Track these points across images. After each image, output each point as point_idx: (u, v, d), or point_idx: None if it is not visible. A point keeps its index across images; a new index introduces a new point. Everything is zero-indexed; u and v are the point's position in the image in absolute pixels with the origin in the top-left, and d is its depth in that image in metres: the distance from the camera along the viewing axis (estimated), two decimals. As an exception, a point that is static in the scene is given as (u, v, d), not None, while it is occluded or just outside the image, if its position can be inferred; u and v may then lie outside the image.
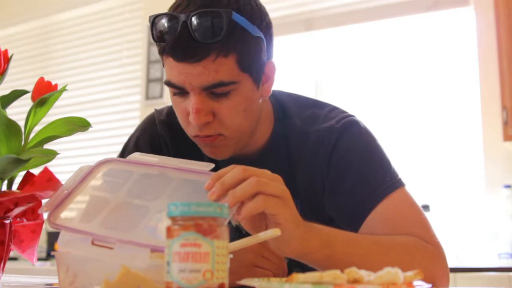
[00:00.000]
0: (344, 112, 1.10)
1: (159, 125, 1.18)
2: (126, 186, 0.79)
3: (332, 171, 1.03)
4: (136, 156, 0.86)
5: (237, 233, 1.08)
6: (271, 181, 0.77)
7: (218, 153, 1.03)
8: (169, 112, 1.18)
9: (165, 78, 1.00)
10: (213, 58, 0.92)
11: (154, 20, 0.95)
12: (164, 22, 0.94)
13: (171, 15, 0.93)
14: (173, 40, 0.92)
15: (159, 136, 1.18)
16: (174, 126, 1.14)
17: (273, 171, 0.83)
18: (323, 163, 1.04)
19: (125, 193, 0.78)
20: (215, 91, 0.94)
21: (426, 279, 0.88)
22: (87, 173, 0.82)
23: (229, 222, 1.11)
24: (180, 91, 0.97)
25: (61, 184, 0.82)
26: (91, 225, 0.72)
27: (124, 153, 1.21)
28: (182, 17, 0.91)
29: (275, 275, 0.99)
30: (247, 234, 0.81)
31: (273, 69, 1.04)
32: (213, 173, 0.76)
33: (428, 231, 0.97)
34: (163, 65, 1.00)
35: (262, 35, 0.98)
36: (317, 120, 1.08)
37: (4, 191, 0.82)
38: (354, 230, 0.98)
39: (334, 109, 1.11)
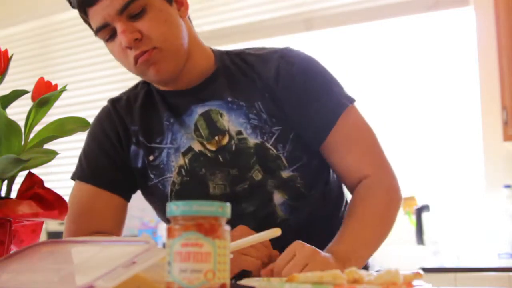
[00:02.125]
0: None
1: (109, 101, 1.28)
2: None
3: (294, 84, 1.15)
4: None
5: None
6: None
7: (161, 69, 1.11)
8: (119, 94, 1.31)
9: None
10: None
11: None
12: None
13: None
14: None
15: (110, 114, 1.25)
16: (123, 96, 1.27)
17: (226, 83, 1.14)
18: (278, 74, 1.15)
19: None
20: (131, 11, 1.07)
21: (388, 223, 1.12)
22: None
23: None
24: (108, 32, 1.09)
25: None
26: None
27: (84, 151, 1.26)
28: None
29: (263, 263, 0.99)
30: None
31: None
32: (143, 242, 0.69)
33: (379, 165, 1.15)
34: (90, 27, 1.13)
35: None
36: (262, 49, 1.23)
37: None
38: (319, 142, 1.14)
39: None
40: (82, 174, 1.23)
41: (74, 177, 1.24)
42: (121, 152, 1.22)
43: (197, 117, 1.17)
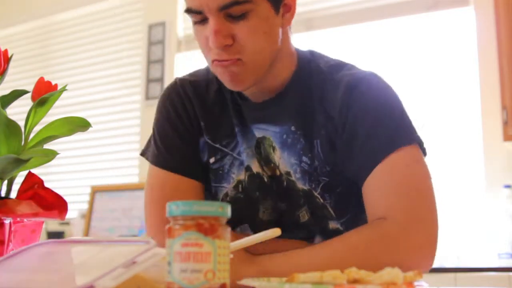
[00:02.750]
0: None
1: (179, 82, 1.18)
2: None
3: (350, 117, 1.03)
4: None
5: None
6: None
7: (237, 81, 1.02)
8: (190, 73, 1.21)
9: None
10: None
11: None
12: None
13: None
14: None
15: (181, 98, 1.16)
16: (195, 83, 1.17)
17: (294, 106, 1.04)
18: (341, 106, 1.04)
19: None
20: (232, 12, 0.96)
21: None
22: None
23: None
24: (199, 17, 0.99)
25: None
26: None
27: (159, 133, 1.17)
28: None
29: None
30: None
31: None
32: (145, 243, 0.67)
33: (407, 212, 0.96)
34: None
35: None
36: (342, 68, 1.11)
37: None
38: (361, 179, 1.01)
39: (357, 67, 1.16)
40: (163, 161, 1.14)
41: (156, 164, 1.15)
42: (193, 140, 1.15)
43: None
